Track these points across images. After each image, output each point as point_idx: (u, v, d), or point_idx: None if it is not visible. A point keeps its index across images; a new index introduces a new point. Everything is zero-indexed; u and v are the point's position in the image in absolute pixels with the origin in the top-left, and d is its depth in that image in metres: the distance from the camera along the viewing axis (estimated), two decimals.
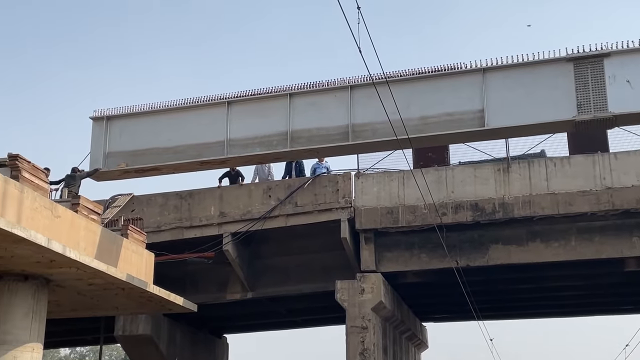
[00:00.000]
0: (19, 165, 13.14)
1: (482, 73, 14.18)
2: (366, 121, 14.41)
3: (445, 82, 14.40)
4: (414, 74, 14.47)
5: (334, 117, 14.73)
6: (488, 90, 14.06)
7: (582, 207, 20.73)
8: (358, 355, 21.52)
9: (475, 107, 14.11)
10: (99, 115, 16.15)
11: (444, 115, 14.18)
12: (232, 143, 15.19)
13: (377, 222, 21.95)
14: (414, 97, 14.37)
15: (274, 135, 15.00)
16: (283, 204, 22.34)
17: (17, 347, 13.33)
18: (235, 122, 15.28)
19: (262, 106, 15.29)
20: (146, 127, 15.88)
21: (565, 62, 13.76)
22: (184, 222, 23.00)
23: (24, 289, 13.68)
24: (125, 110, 16.05)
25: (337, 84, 14.82)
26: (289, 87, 15.09)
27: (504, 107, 13.91)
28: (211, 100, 15.57)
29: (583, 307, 30.41)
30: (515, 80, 14.02)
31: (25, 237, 11.62)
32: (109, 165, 15.82)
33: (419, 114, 14.27)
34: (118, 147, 15.92)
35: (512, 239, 21.68)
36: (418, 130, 14.19)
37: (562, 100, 13.62)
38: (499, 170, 21.59)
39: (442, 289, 25.23)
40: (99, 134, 16.06)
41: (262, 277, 24.21)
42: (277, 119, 15.04)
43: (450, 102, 14.22)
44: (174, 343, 25.35)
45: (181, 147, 15.45)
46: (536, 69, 13.93)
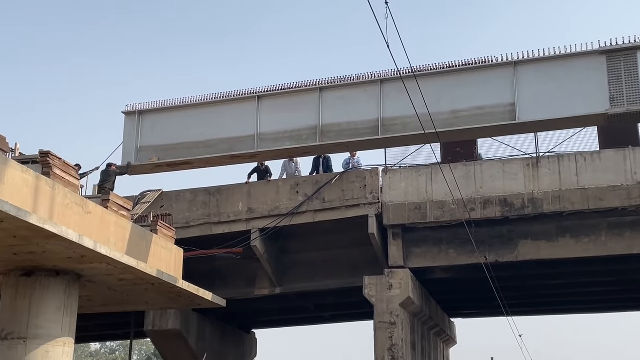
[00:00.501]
0: (50, 162, 13.30)
1: (514, 66, 14.07)
2: (396, 115, 14.34)
3: (476, 76, 14.31)
4: (445, 67, 14.39)
5: (363, 111, 14.71)
6: (519, 84, 13.94)
7: (613, 202, 20.51)
8: (386, 350, 21.50)
9: (506, 101, 14.01)
10: (131, 109, 16.30)
11: (474, 109, 14.10)
12: (262, 137, 15.24)
13: (405, 218, 21.90)
14: (445, 91, 14.31)
15: (304, 129, 15.02)
16: (311, 200, 22.36)
17: (49, 342, 13.51)
18: (265, 116, 15.34)
19: (292, 100, 15.32)
20: (177, 121, 16.01)
21: (597, 55, 13.60)
22: (213, 218, 23.13)
23: (55, 284, 13.85)
24: (157, 104, 16.18)
25: (367, 78, 14.81)
26: (318, 82, 15.10)
27: (536, 101, 13.79)
28: (241, 95, 15.65)
29: (614, 303, 30.11)
30: (547, 74, 13.88)
31: (57, 233, 11.77)
32: (141, 160, 15.96)
33: (450, 108, 14.20)
34: (150, 141, 16.04)
35: (541, 235, 21.51)
36: (448, 124, 14.14)
37: (594, 94, 13.46)
38: (528, 166, 21.44)
39: (471, 285, 25.11)
40: (131, 128, 16.20)
41: (290, 272, 24.28)
42: (307, 113, 15.06)
43: (481, 95, 14.13)
44: (203, 338, 25.51)
45: (212, 141, 15.53)
46: (568, 62, 13.78)
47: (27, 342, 13.34)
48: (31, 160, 13.88)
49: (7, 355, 13.34)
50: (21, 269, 13.70)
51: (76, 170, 14.39)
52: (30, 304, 13.57)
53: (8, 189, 11.81)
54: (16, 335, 13.39)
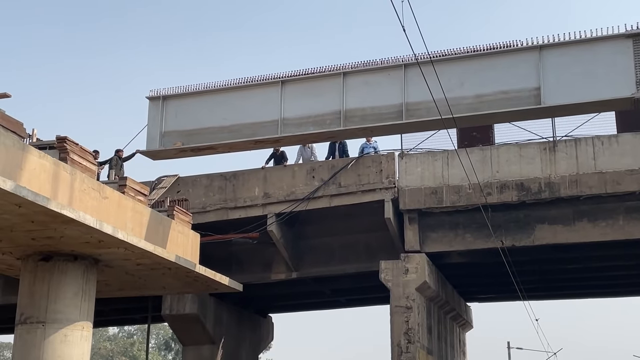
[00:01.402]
0: (68, 148, 13.38)
1: (539, 50, 13.89)
2: (420, 100, 14.20)
3: (501, 60, 14.16)
4: (468, 52, 14.27)
5: (387, 96, 14.62)
6: (544, 68, 13.78)
7: (631, 186, 20.37)
8: (402, 334, 21.54)
9: (531, 85, 13.86)
10: (155, 95, 16.32)
11: (499, 94, 13.97)
12: (285, 122, 15.22)
13: (421, 203, 21.87)
14: (469, 75, 14.20)
15: (328, 114, 14.97)
16: (327, 185, 22.37)
17: (68, 326, 13.65)
18: (288, 101, 15.30)
19: (316, 85, 15.26)
20: (201, 106, 16.00)
21: (624, 38, 13.39)
22: (229, 203, 23.20)
23: (73, 269, 13.98)
24: (181, 90, 16.17)
25: (390, 63, 14.71)
26: (342, 66, 15.03)
27: (561, 85, 13.62)
28: (265, 80, 15.62)
29: (631, 287, 29.94)
30: (572, 58, 13.71)
31: (75, 218, 11.86)
32: (165, 144, 15.99)
33: (474, 92, 14.08)
34: (174, 126, 16.06)
35: (558, 219, 21.41)
36: (473, 108, 14.03)
37: (620, 78, 13.27)
38: (545, 150, 21.32)
39: (487, 269, 25.08)
40: (155, 113, 16.22)
41: (306, 257, 24.33)
42: (330, 98, 15.00)
43: (505, 80, 13.99)
44: (220, 322, 25.67)
45: (236, 126, 15.53)
46: (594, 45, 13.59)
47: (46, 326, 13.49)
48: (48, 146, 13.96)
49: (26, 339, 13.50)
50: (39, 254, 13.83)
51: (93, 156, 14.47)
52: (49, 288, 13.71)
53: (26, 175, 11.91)
54: (35, 320, 13.54)
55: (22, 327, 13.63)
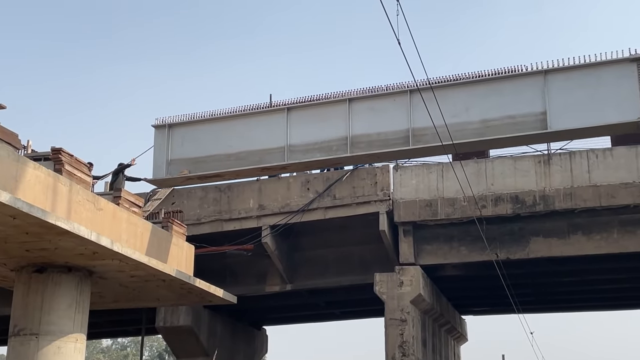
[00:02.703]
0: (62, 159, 13.35)
1: (544, 75, 13.92)
2: (426, 125, 14.15)
3: (506, 85, 14.17)
4: (474, 77, 14.30)
5: (393, 121, 14.63)
6: (550, 92, 13.80)
7: (625, 199, 20.43)
8: (397, 347, 21.51)
9: (537, 110, 13.85)
10: (160, 123, 16.30)
11: (505, 118, 13.95)
12: (292, 149, 15.20)
13: (415, 215, 21.88)
14: (474, 100, 14.20)
15: (334, 140, 14.96)
16: (321, 197, 22.38)
17: (61, 338, 13.57)
18: (295, 128, 15.29)
19: (322, 112, 15.26)
20: (207, 134, 15.97)
21: (628, 62, 13.44)
22: (224, 214, 23.18)
23: (67, 281, 13.91)
24: (187, 117, 16.19)
25: (396, 88, 14.75)
26: (347, 93, 15.08)
27: (567, 109, 13.63)
28: (271, 107, 15.70)
29: (626, 301, 29.98)
30: (577, 82, 13.73)
31: (69, 229, 11.82)
32: (172, 172, 15.97)
33: (480, 117, 14.08)
34: (180, 154, 16.04)
35: (553, 232, 21.46)
36: (479, 133, 14.04)
37: (625, 101, 13.29)
38: (539, 162, 21.37)
39: (482, 282, 25.08)
40: (161, 141, 16.21)
41: (301, 269, 24.30)
42: (336, 124, 15.01)
43: (511, 105, 13.99)
44: (214, 334, 25.58)
45: (242, 154, 15.52)
46: (598, 70, 13.62)
47: (39, 338, 13.41)
48: (43, 157, 13.94)
49: (20, 350, 13.41)
50: (33, 265, 13.77)
51: (88, 168, 14.44)
52: (43, 300, 13.64)
53: (20, 186, 11.88)
54: (28, 332, 13.46)
55: (15, 339, 13.55)
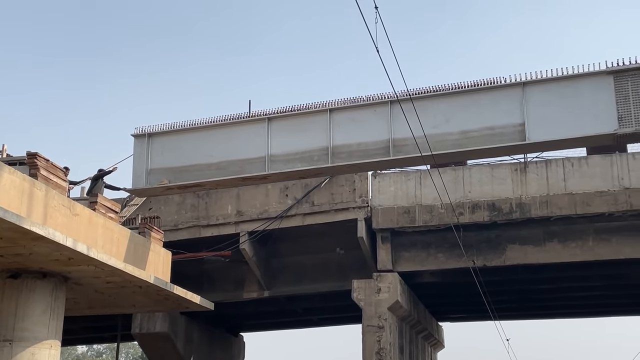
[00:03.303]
0: (38, 164, 13.24)
1: (522, 87, 14.07)
2: (407, 136, 14.21)
3: (485, 96, 14.29)
4: (454, 88, 14.39)
5: (374, 132, 14.71)
6: (528, 104, 13.95)
7: (600, 207, 20.62)
8: (374, 354, 21.52)
9: (515, 121, 13.99)
10: (140, 132, 16.23)
11: (484, 129, 14.07)
12: (273, 159, 15.20)
13: (393, 222, 21.94)
14: (454, 111, 14.30)
15: (315, 150, 15.00)
16: (300, 203, 22.38)
17: (35, 344, 13.43)
18: (275, 138, 15.30)
19: (302, 122, 15.29)
20: (187, 143, 15.93)
21: (605, 75, 13.61)
22: (201, 220, 23.11)
23: (42, 287, 13.77)
24: (167, 127, 16.12)
25: (376, 99, 14.81)
26: (328, 103, 15.11)
27: (545, 121, 13.79)
28: (251, 117, 15.62)
29: (601, 308, 30.23)
30: (555, 94, 13.89)
31: (44, 235, 11.71)
32: (151, 182, 15.92)
33: (459, 129, 14.19)
34: (160, 163, 15.98)
35: (529, 239, 21.61)
36: (458, 144, 14.13)
37: (602, 114, 13.46)
38: (516, 170, 21.52)
39: (459, 289, 25.17)
40: (140, 150, 16.14)
41: (279, 275, 24.26)
42: (317, 134, 15.05)
43: (490, 116, 14.12)
44: (190, 341, 25.45)
45: (223, 163, 15.49)
46: (576, 82, 13.79)
47: (13, 344, 13.26)
48: (19, 162, 13.80)
49: None
50: (7, 271, 13.62)
51: (64, 173, 14.33)
52: (17, 306, 13.49)
53: None
54: (2, 338, 13.30)
55: None
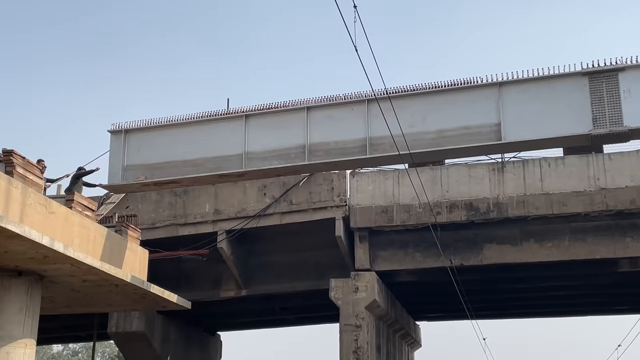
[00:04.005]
0: (13, 161, 13.11)
1: (498, 87, 14.16)
2: (383, 134, 14.26)
3: (462, 96, 14.36)
4: (431, 87, 14.45)
5: (351, 130, 14.72)
6: (504, 104, 14.04)
7: (576, 207, 20.80)
8: (352, 353, 21.55)
9: (491, 121, 14.08)
10: (117, 128, 16.12)
11: (460, 129, 14.14)
12: (250, 156, 15.17)
13: (371, 221, 21.98)
14: (431, 110, 14.36)
15: (292, 148, 14.99)
16: (278, 202, 22.35)
17: (10, 343, 13.31)
18: (253, 135, 15.26)
19: (280, 119, 15.26)
20: (164, 140, 15.86)
21: (580, 76, 13.74)
22: (179, 219, 23.01)
23: (17, 285, 13.65)
24: (144, 123, 16.01)
25: (354, 97, 14.83)
26: (306, 101, 15.11)
27: (520, 121, 13.89)
28: (229, 114, 15.57)
29: (576, 307, 30.50)
30: (531, 94, 14.00)
31: (19, 232, 11.60)
32: (128, 179, 15.81)
33: (436, 128, 14.25)
34: (136, 160, 15.90)
35: (506, 239, 21.74)
36: (435, 143, 14.19)
37: (577, 114, 13.60)
38: (493, 170, 21.65)
39: (436, 288, 25.27)
40: (117, 147, 16.02)
41: (257, 274, 24.22)
42: (294, 132, 15.03)
43: (466, 115, 14.20)
44: (167, 340, 25.34)
45: (199, 160, 15.45)
46: (552, 82, 13.91)
47: None
48: None
49: None
50: None
51: (40, 170, 14.21)
52: None
53: None
54: None
55: None
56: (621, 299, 28.03)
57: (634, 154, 20.94)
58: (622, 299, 28.12)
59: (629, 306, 29.03)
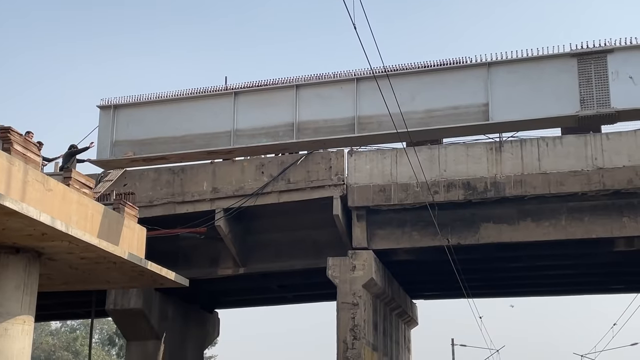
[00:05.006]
0: (11, 138, 13.09)
1: (487, 67, 14.17)
2: (372, 113, 14.38)
3: (451, 76, 14.39)
4: (420, 67, 14.46)
5: (340, 108, 14.77)
6: (492, 85, 14.06)
7: (573, 186, 20.82)
8: (349, 331, 21.66)
9: (479, 101, 14.12)
10: (106, 104, 16.13)
11: (449, 109, 14.19)
12: (238, 133, 15.23)
13: (369, 200, 22.01)
14: (420, 90, 14.37)
15: (281, 126, 15.04)
16: (276, 181, 22.36)
17: (8, 320, 13.36)
18: (242, 112, 15.30)
19: (269, 97, 15.30)
20: (153, 116, 15.88)
21: (569, 57, 13.75)
22: (177, 197, 23.02)
23: (15, 262, 13.68)
24: (133, 99, 16.02)
25: (343, 76, 14.85)
26: (295, 79, 15.12)
27: (508, 101, 13.92)
28: (218, 91, 15.60)
29: (573, 287, 30.64)
30: (520, 75, 14.01)
31: (17, 209, 11.61)
32: (116, 154, 15.87)
33: (424, 107, 14.28)
34: (125, 135, 15.93)
35: (503, 218, 21.78)
36: (423, 123, 14.21)
37: (565, 95, 13.63)
38: (491, 149, 21.65)
39: (433, 267, 25.36)
40: (106, 122, 16.06)
41: (254, 253, 24.28)
42: (283, 110, 15.06)
43: (455, 95, 14.22)
44: (165, 317, 25.44)
45: (188, 137, 15.50)
46: (540, 63, 13.92)
47: None
48: None
49: None
50: None
51: (38, 148, 14.19)
52: None
53: None
54: None
55: None
56: (617, 278, 28.15)
57: (631, 134, 20.94)
58: (618, 278, 28.25)
59: (624, 285, 29.17)
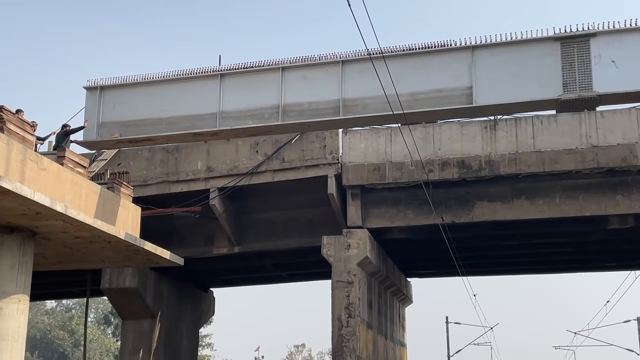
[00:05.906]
0: (5, 117, 13.04)
1: (471, 51, 14.23)
2: (357, 96, 14.47)
3: (435, 59, 14.44)
4: (404, 50, 14.48)
5: (325, 91, 14.83)
6: (476, 68, 14.14)
7: (568, 165, 20.85)
8: (343, 309, 21.75)
9: (463, 84, 14.19)
10: (92, 85, 16.15)
11: (433, 92, 14.28)
12: (224, 115, 15.28)
13: (363, 179, 22.01)
14: (404, 72, 14.41)
15: (266, 108, 15.10)
16: (270, 160, 22.34)
17: (3, 299, 13.39)
18: (227, 94, 15.35)
19: (255, 79, 15.33)
20: (140, 97, 15.92)
21: (552, 41, 13.83)
22: (171, 176, 23.00)
23: (9, 241, 13.68)
24: (119, 80, 16.04)
25: (328, 58, 14.88)
26: (281, 61, 15.14)
27: (492, 85, 14.01)
28: (204, 73, 15.59)
29: (567, 264, 30.76)
30: (504, 59, 14.09)
31: (11, 189, 11.59)
32: (102, 135, 15.92)
33: (409, 90, 14.34)
34: (112, 117, 15.98)
35: (497, 196, 21.82)
36: (408, 106, 14.26)
37: (548, 79, 13.73)
38: (485, 128, 21.64)
39: (428, 245, 25.43)
40: (92, 103, 16.11)
41: (249, 231, 24.31)
42: (269, 92, 15.12)
43: (439, 78, 14.29)
44: (160, 296, 25.51)
45: (174, 118, 15.55)
46: (524, 47, 14.00)
47: None
48: None
49: None
50: None
51: (32, 127, 14.13)
52: None
53: None
54: None
55: None
56: (610, 255, 28.27)
57: (625, 112, 20.94)
58: (612, 256, 28.37)
59: (617, 263, 29.31)
